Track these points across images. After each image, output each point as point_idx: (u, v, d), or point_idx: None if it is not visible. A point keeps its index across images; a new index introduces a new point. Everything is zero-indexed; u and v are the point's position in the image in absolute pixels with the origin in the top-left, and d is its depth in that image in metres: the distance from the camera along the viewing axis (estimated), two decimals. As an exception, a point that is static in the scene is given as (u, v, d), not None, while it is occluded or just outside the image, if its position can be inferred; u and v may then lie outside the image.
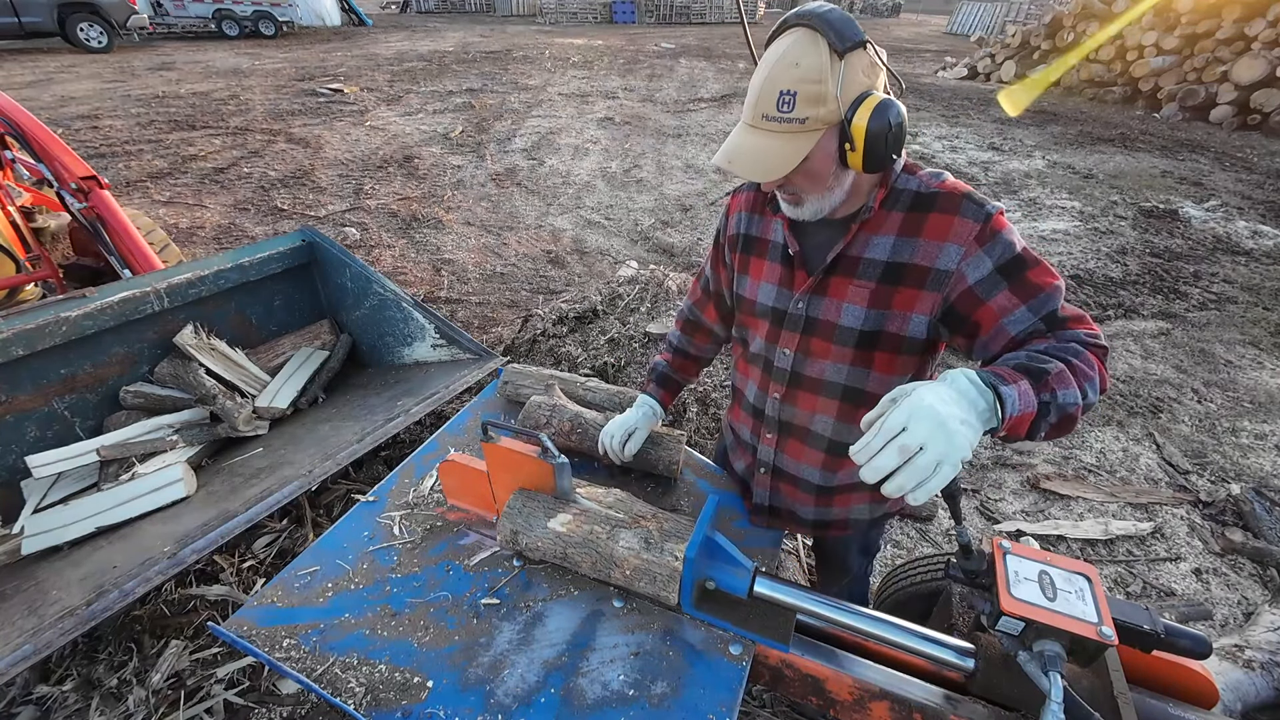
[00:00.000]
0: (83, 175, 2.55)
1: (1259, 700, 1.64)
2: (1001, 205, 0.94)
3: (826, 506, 1.25)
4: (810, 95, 0.83)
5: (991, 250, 0.92)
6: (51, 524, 1.77)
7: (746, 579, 1.01)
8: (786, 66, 0.84)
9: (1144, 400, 3.13)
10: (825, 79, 0.82)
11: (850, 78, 0.83)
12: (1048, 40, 11.71)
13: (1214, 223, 5.28)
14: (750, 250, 1.16)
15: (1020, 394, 0.76)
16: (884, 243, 0.98)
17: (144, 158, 6.25)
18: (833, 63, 0.82)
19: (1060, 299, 0.91)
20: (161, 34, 15.39)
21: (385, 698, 0.95)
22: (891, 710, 0.97)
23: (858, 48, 0.82)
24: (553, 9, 23.40)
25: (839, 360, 1.07)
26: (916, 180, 0.97)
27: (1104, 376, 0.84)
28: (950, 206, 0.94)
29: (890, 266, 0.98)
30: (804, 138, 0.86)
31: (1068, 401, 0.78)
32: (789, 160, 0.87)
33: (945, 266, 0.94)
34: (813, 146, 0.86)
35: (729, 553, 1.02)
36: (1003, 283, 0.91)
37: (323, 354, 2.55)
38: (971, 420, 0.74)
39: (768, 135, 0.87)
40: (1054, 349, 0.84)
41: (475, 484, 1.26)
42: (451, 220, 5.21)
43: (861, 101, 0.83)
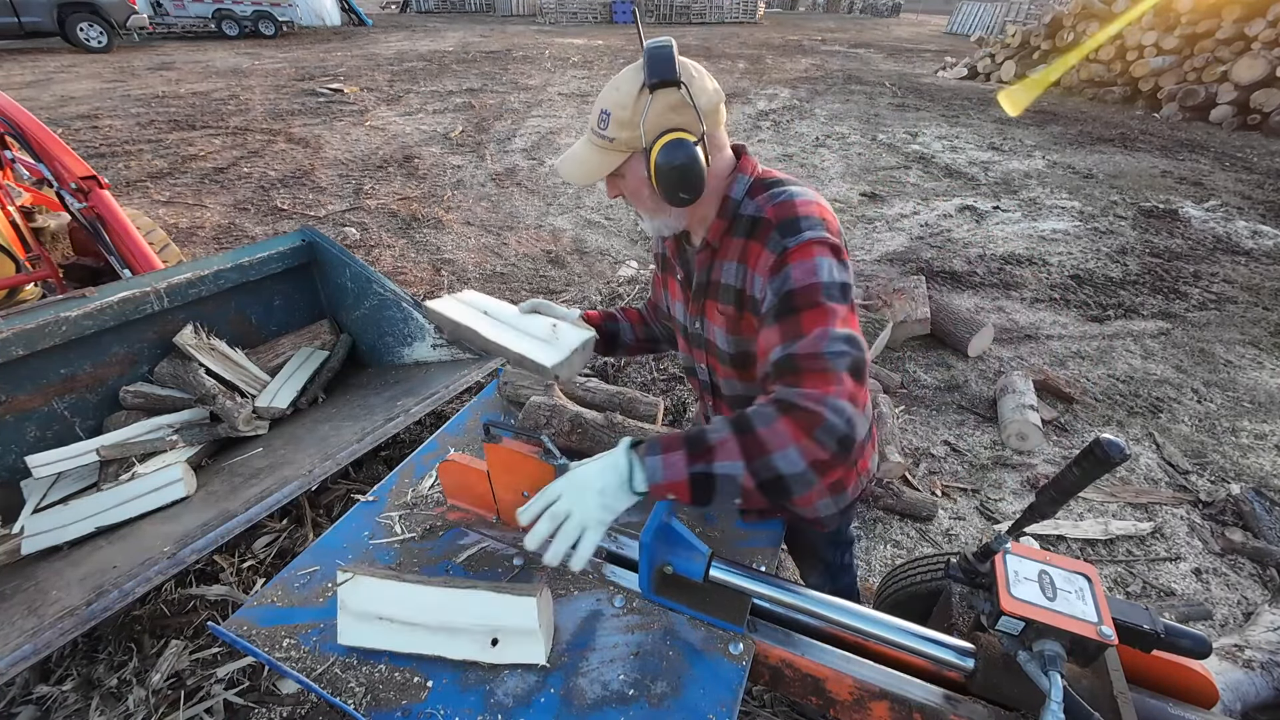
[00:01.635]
0: (83, 175, 2.55)
1: (1259, 700, 1.64)
2: (816, 236, 0.90)
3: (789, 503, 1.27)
4: (619, 119, 0.92)
5: (774, 282, 0.91)
6: (51, 524, 1.77)
7: (702, 563, 1.03)
8: (611, 89, 0.94)
9: (1144, 400, 3.13)
10: (633, 107, 0.90)
11: (655, 112, 0.90)
12: (1048, 40, 11.71)
13: (1214, 223, 5.28)
14: (664, 269, 1.25)
15: (665, 464, 0.82)
16: (731, 268, 1.03)
17: (144, 158, 6.25)
18: (641, 95, 0.90)
19: (816, 348, 0.83)
20: (161, 34, 15.39)
21: (385, 698, 0.95)
22: (891, 710, 0.97)
23: (667, 86, 0.88)
24: (553, 9, 23.41)
25: (729, 376, 1.14)
26: (755, 204, 0.99)
27: (810, 448, 0.78)
28: (763, 236, 0.96)
29: (736, 292, 1.03)
30: (611, 154, 0.96)
31: (728, 473, 0.79)
32: (595, 170, 0.98)
33: (756, 294, 0.98)
34: (619, 164, 0.97)
35: (685, 538, 1.04)
36: (773, 318, 0.90)
37: (323, 354, 2.55)
38: (610, 488, 0.85)
39: (589, 146, 0.99)
40: (748, 415, 0.83)
41: (475, 484, 1.26)
42: (451, 220, 5.21)
43: (660, 137, 0.90)
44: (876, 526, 2.36)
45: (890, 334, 3.27)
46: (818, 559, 1.47)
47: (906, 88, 11.30)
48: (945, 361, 3.38)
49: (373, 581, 1.05)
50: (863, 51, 16.53)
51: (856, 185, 6.29)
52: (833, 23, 26.84)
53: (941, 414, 3.00)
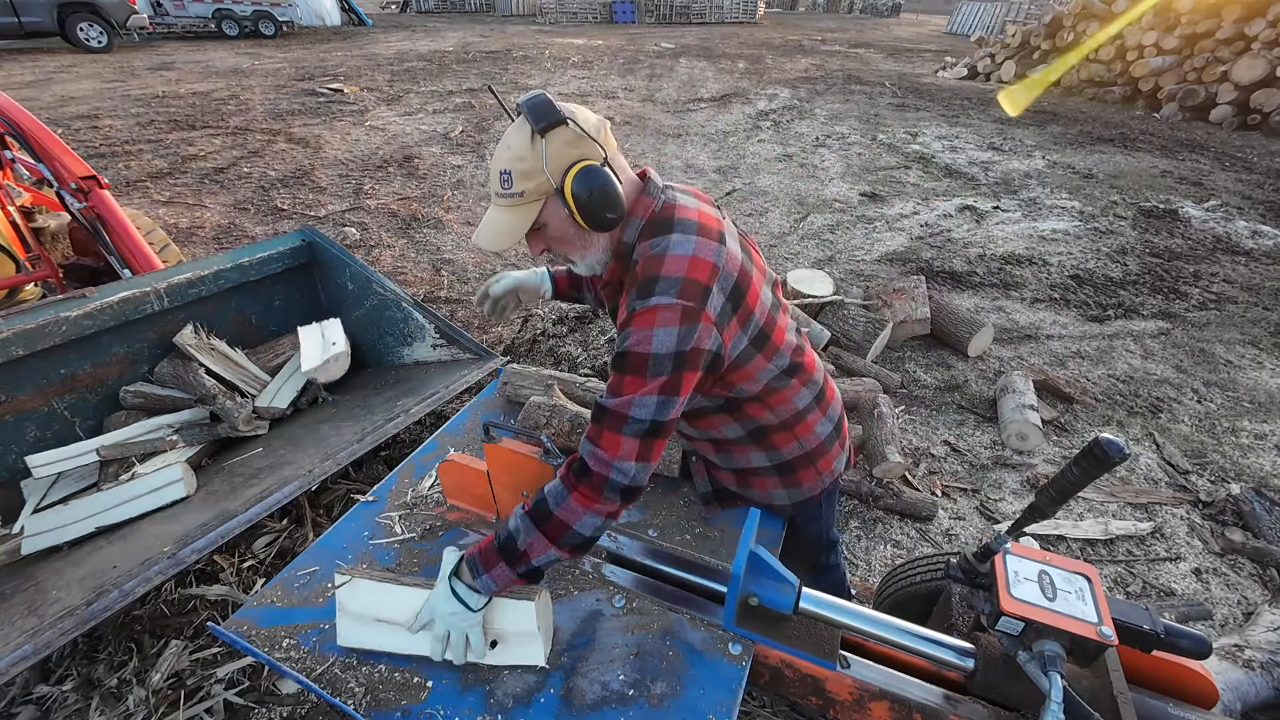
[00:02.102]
0: (82, 175, 2.55)
1: (1259, 700, 1.64)
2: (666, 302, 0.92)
3: (747, 488, 1.30)
4: (521, 171, 0.94)
5: (619, 337, 0.98)
6: (51, 524, 1.77)
7: (791, 595, 0.98)
8: (503, 149, 0.96)
9: (1144, 400, 3.13)
10: (531, 156, 0.93)
11: (555, 152, 0.93)
12: (1048, 40, 11.71)
13: (1214, 223, 5.28)
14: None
15: (495, 578, 0.98)
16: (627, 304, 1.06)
17: (144, 158, 6.25)
18: (534, 141, 0.93)
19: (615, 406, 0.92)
20: (161, 34, 15.38)
21: (385, 698, 0.95)
22: (891, 710, 0.97)
23: (555, 126, 0.92)
24: (553, 9, 23.40)
25: None
26: (639, 251, 1.01)
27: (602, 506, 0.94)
28: (629, 288, 1.00)
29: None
30: (525, 209, 0.97)
31: (549, 560, 0.97)
32: (517, 230, 0.98)
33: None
34: (536, 215, 0.98)
35: (773, 568, 0.99)
36: (611, 366, 0.98)
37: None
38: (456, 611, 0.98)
39: (499, 209, 0.99)
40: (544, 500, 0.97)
41: (475, 484, 1.26)
42: (451, 220, 5.21)
43: (569, 170, 0.93)
44: (876, 526, 2.36)
45: (890, 334, 3.27)
46: (803, 560, 1.49)
47: (906, 88, 11.30)
48: (945, 361, 3.38)
49: (370, 584, 1.05)
50: (863, 51, 16.53)
51: (856, 185, 6.29)
52: (833, 23, 26.84)
53: (941, 414, 3.00)
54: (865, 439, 2.57)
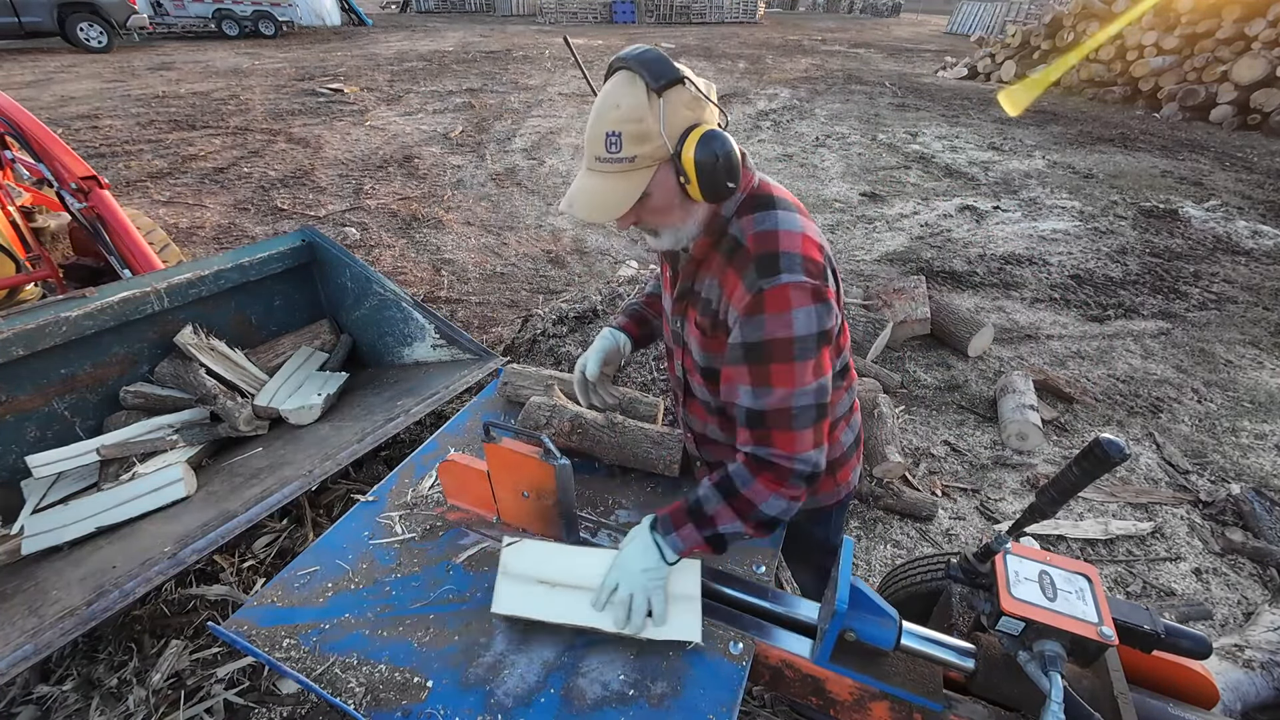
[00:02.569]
0: (83, 175, 2.55)
1: (1259, 700, 1.64)
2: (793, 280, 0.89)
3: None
4: (634, 134, 0.85)
5: (747, 325, 0.92)
6: (51, 524, 1.77)
7: (893, 631, 0.93)
8: (609, 109, 0.86)
9: (1144, 400, 3.13)
10: (645, 117, 0.84)
11: (672, 113, 0.85)
12: (1048, 40, 11.71)
13: (1214, 223, 5.28)
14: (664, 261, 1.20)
15: (683, 538, 1.00)
16: (711, 284, 1.01)
17: (144, 158, 6.25)
18: (651, 101, 0.84)
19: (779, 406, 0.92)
20: (161, 34, 15.38)
21: (385, 698, 0.95)
22: (891, 710, 0.97)
23: (674, 84, 0.84)
24: (553, 9, 23.40)
25: (701, 384, 1.13)
26: (739, 226, 0.96)
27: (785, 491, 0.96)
28: (741, 266, 0.94)
29: (712, 311, 1.01)
30: (636, 175, 0.88)
31: (731, 531, 0.99)
32: (625, 199, 0.88)
33: (730, 322, 0.97)
34: (647, 183, 0.88)
35: (874, 602, 0.94)
36: (743, 358, 0.94)
37: (323, 354, 2.55)
38: (651, 566, 1.01)
39: (602, 176, 0.89)
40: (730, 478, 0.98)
41: (475, 484, 1.26)
42: (451, 220, 5.21)
43: (688, 134, 0.85)
44: (876, 526, 2.36)
45: (890, 334, 3.27)
46: (810, 563, 1.49)
47: (906, 87, 11.30)
48: (945, 361, 3.38)
49: (539, 544, 1.11)
50: (863, 51, 16.53)
51: (856, 185, 6.29)
52: (833, 22, 26.84)
53: (941, 414, 3.00)
54: (866, 439, 2.57)
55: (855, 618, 0.94)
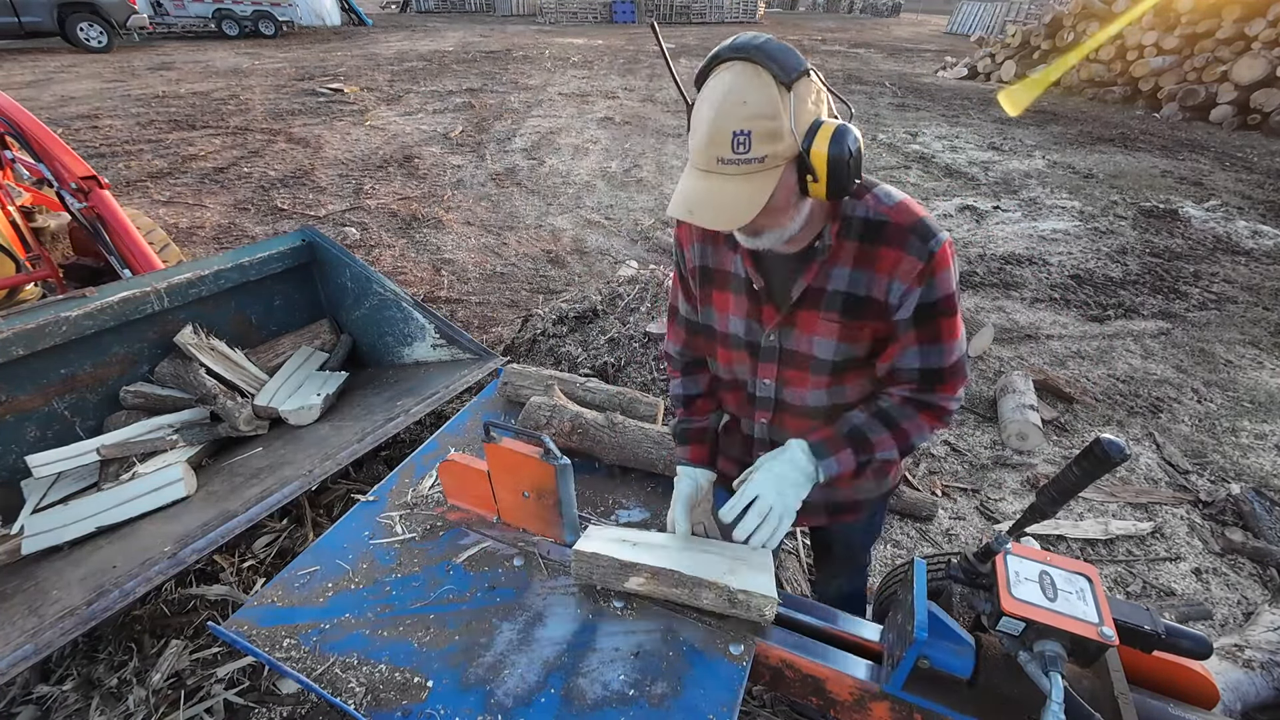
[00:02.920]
0: (83, 175, 2.55)
1: (1259, 700, 1.64)
2: (948, 236, 0.93)
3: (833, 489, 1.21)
4: (765, 132, 0.78)
5: (924, 291, 0.93)
6: (51, 524, 1.77)
7: (969, 658, 0.90)
8: (735, 105, 0.78)
9: (1144, 400, 3.13)
10: (778, 113, 0.78)
11: (800, 108, 0.79)
12: (1048, 40, 11.71)
13: (1214, 223, 5.28)
14: (712, 283, 1.11)
15: (839, 461, 1.01)
16: (842, 274, 0.96)
17: (144, 158, 6.25)
18: (782, 96, 0.78)
19: (953, 358, 0.99)
20: (161, 34, 15.38)
21: (385, 698, 0.95)
22: (891, 710, 0.97)
23: (803, 76, 0.79)
24: (553, 9, 23.40)
25: (816, 386, 1.08)
26: (864, 206, 0.94)
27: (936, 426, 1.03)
28: (898, 240, 0.92)
29: (850, 299, 0.97)
30: (765, 176, 0.81)
31: (885, 458, 1.03)
32: (754, 203, 0.81)
33: (893, 301, 0.95)
34: (775, 184, 0.82)
35: (950, 628, 0.90)
36: (912, 324, 0.97)
37: (323, 354, 2.55)
38: (800, 483, 1.01)
39: (726, 179, 0.82)
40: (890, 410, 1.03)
41: (475, 484, 1.26)
42: (451, 220, 5.21)
43: (817, 130, 0.79)
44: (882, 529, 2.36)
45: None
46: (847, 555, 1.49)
47: (906, 87, 11.29)
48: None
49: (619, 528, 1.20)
50: (863, 51, 16.53)
51: (856, 185, 6.29)
52: (833, 22, 26.84)
53: (941, 414, 2.99)
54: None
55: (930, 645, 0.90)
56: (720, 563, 1.09)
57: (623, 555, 1.07)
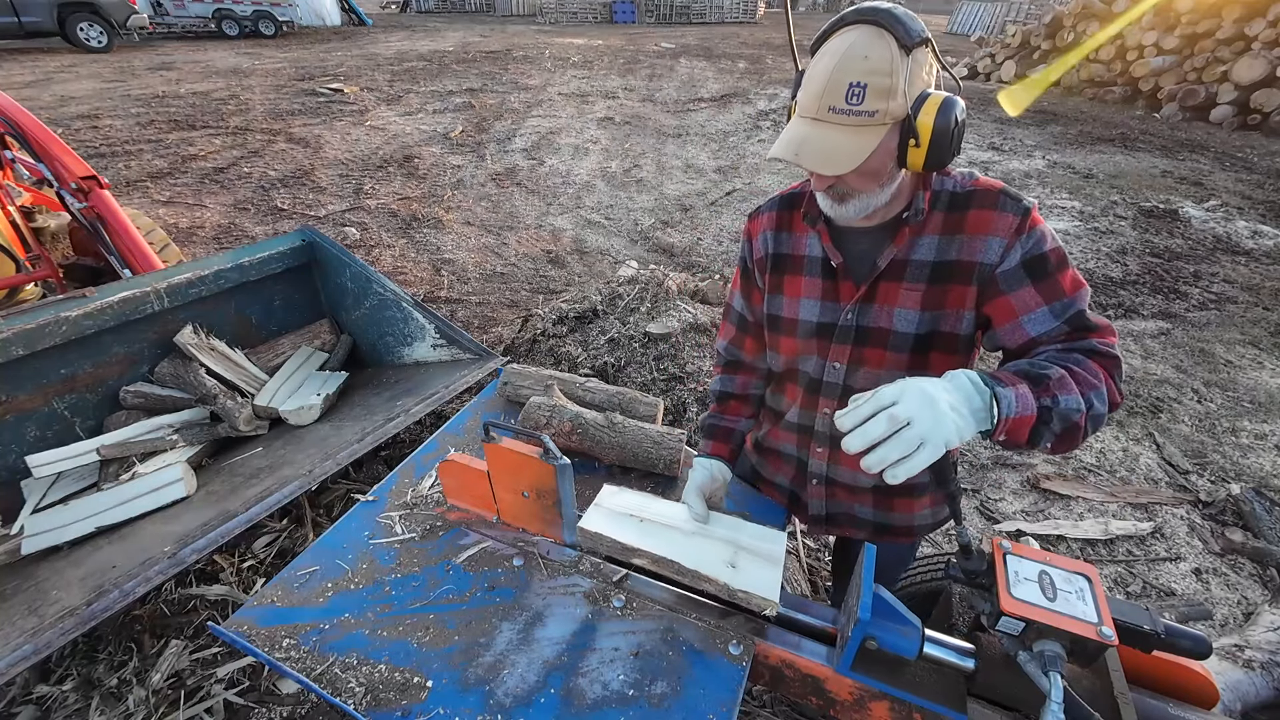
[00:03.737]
0: (83, 175, 2.55)
1: (1259, 700, 1.64)
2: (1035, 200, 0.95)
3: (886, 510, 1.23)
4: (880, 88, 0.81)
5: (1025, 243, 0.93)
6: (51, 524, 1.77)
7: (915, 639, 0.92)
8: (855, 59, 0.82)
9: (1144, 400, 3.13)
10: (896, 73, 0.81)
11: (916, 74, 0.83)
12: (1048, 40, 11.71)
13: (1214, 223, 5.28)
14: (784, 269, 1.12)
15: (1018, 396, 0.78)
16: (929, 243, 0.98)
17: (144, 158, 6.25)
18: (901, 57, 0.81)
19: (1085, 304, 0.93)
20: (161, 34, 15.39)
21: (385, 698, 0.95)
22: (891, 710, 0.97)
23: (922, 45, 0.83)
24: (553, 9, 23.41)
25: (894, 366, 1.05)
26: (952, 181, 0.98)
27: (1113, 389, 0.85)
28: (989, 201, 0.95)
29: (937, 266, 0.98)
30: (871, 131, 0.84)
31: (1070, 408, 0.79)
32: (858, 153, 0.84)
33: (988, 260, 0.95)
34: (880, 140, 0.84)
35: (896, 610, 0.93)
36: (1026, 279, 0.93)
37: (323, 354, 2.55)
38: (963, 410, 0.76)
39: (834, 128, 0.85)
40: (1057, 356, 0.87)
41: (475, 484, 1.26)
42: (451, 220, 5.21)
43: (925, 99, 0.83)
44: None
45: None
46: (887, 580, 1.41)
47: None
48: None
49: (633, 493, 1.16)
50: (863, 51, 16.51)
51: (856, 185, 6.29)
52: (833, 23, 26.81)
53: (941, 414, 2.99)
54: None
55: (877, 625, 0.93)
56: (724, 551, 1.07)
57: (626, 539, 1.08)
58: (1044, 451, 0.83)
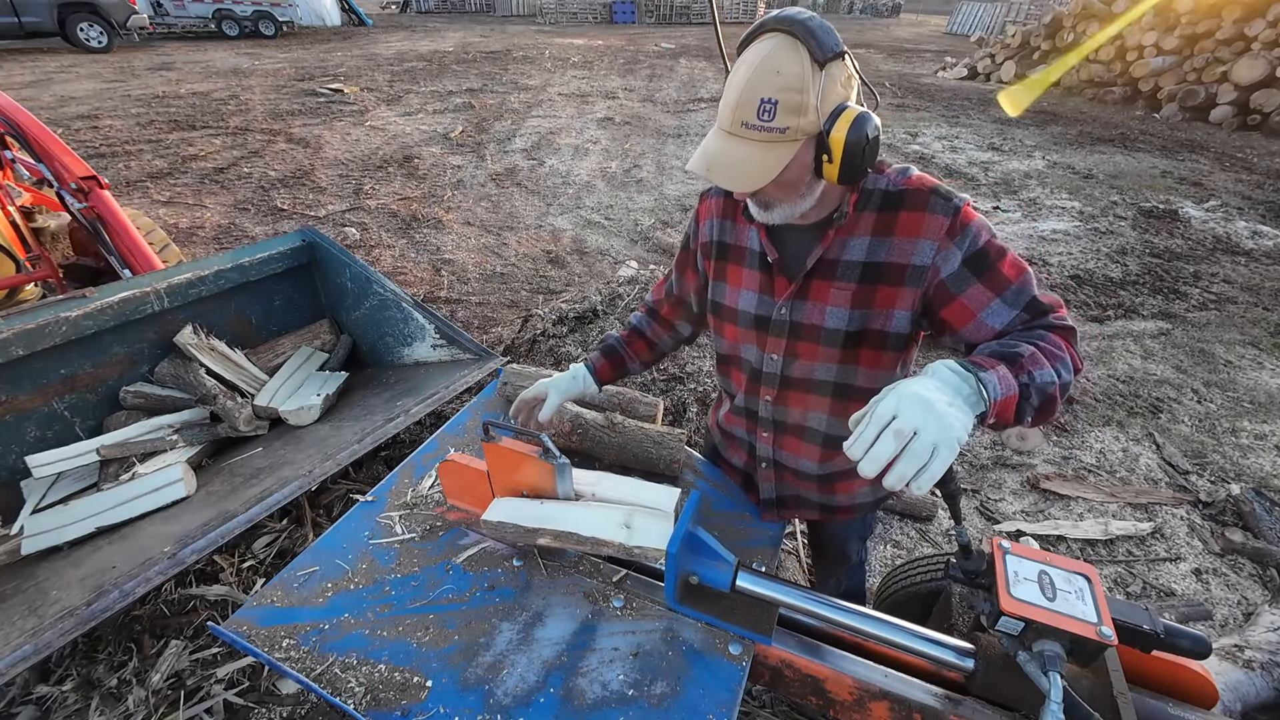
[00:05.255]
0: (83, 175, 2.55)
1: (1259, 700, 1.64)
2: (967, 197, 0.95)
3: (830, 494, 1.27)
4: (791, 105, 0.81)
5: (961, 243, 0.93)
6: (51, 524, 1.77)
7: (729, 573, 1.01)
8: (768, 73, 0.82)
9: (1144, 400, 3.13)
10: (806, 89, 0.81)
11: (829, 89, 0.82)
12: (1048, 40, 11.71)
13: (1214, 223, 5.28)
14: (726, 257, 1.15)
15: (1000, 378, 0.79)
16: (860, 244, 0.99)
17: (144, 158, 6.25)
18: (813, 73, 0.81)
19: (1034, 286, 0.94)
20: (161, 34, 15.40)
21: (385, 698, 0.95)
22: (891, 710, 0.97)
23: (838, 58, 0.82)
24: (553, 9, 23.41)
25: (827, 360, 1.09)
26: (885, 179, 0.98)
27: (1074, 356, 0.88)
28: (919, 203, 0.95)
29: (868, 267, 0.99)
30: (783, 147, 0.85)
31: (1045, 381, 0.82)
32: (769, 170, 0.85)
33: (921, 262, 0.95)
34: (792, 156, 0.85)
35: (711, 547, 1.02)
36: (972, 278, 0.94)
37: (323, 354, 2.55)
38: (959, 403, 0.76)
39: (746, 144, 0.86)
40: (1021, 335, 0.90)
41: (475, 484, 1.26)
42: (451, 220, 5.21)
43: (840, 113, 0.82)
44: (876, 527, 2.36)
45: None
46: (841, 554, 1.48)
47: (906, 88, 11.30)
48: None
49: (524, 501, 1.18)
50: (863, 51, 16.53)
51: (856, 185, 6.29)
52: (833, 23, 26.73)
53: (941, 414, 3.00)
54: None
55: (697, 563, 1.03)
56: (618, 515, 1.11)
57: (526, 522, 1.11)
58: (1025, 425, 0.85)
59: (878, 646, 1.04)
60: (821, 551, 1.58)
